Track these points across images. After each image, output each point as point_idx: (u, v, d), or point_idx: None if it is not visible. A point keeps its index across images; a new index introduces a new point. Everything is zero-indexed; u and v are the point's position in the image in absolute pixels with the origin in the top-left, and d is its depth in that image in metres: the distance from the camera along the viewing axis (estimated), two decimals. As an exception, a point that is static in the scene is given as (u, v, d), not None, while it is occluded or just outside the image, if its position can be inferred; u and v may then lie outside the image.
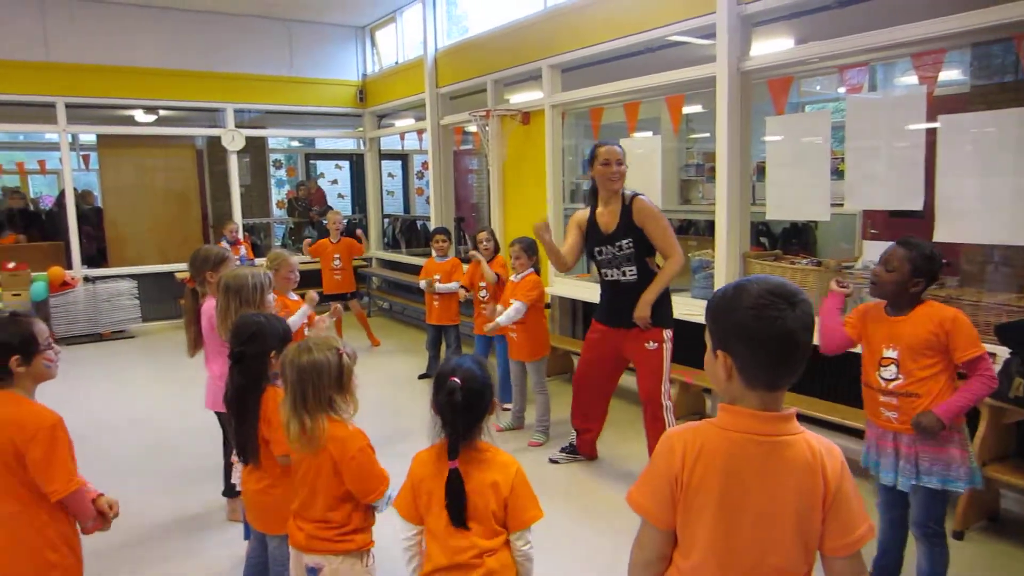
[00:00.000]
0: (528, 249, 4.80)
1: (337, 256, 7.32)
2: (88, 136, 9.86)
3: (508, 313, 4.64)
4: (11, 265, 7.85)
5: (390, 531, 2.81)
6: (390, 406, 5.63)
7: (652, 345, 3.95)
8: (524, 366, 4.97)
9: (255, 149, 11.12)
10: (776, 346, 1.35)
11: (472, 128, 7.82)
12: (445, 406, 1.99)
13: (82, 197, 9.92)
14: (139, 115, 9.74)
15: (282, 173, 13.28)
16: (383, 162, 11.15)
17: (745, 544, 1.40)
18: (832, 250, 6.07)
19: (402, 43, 9.10)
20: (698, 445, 1.42)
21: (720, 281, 4.91)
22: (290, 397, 2.23)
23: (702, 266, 5.25)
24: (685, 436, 1.45)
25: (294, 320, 3.79)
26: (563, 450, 4.56)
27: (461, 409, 1.98)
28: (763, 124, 4.76)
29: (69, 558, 2.28)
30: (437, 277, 5.97)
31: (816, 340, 2.65)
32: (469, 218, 10.08)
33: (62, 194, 8.95)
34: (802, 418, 2.21)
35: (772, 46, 4.84)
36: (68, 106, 8.23)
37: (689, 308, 4.79)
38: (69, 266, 8.39)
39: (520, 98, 7.38)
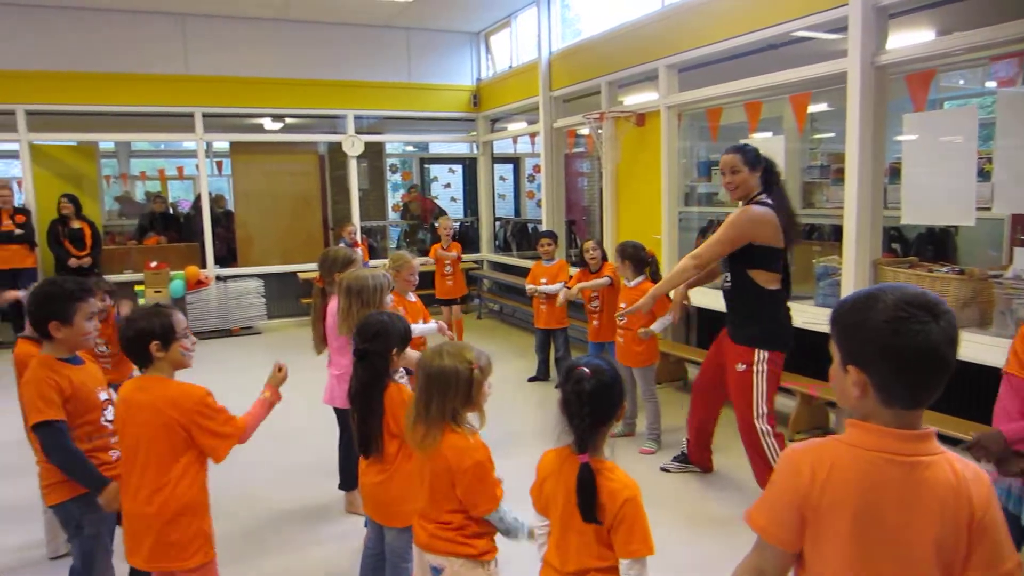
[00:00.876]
0: (633, 256, 4.74)
1: (448, 262, 7.44)
2: (221, 144, 10.48)
3: (658, 324, 4.56)
4: (153, 264, 8.46)
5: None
6: (500, 409, 5.63)
7: (741, 367, 3.68)
8: (632, 372, 4.87)
9: (373, 154, 11.48)
10: (919, 363, 1.24)
11: (585, 131, 7.77)
12: (572, 397, 1.94)
13: (215, 201, 10.56)
14: (267, 123, 10.27)
15: (398, 177, 13.66)
16: (495, 165, 11.27)
17: (882, 570, 1.30)
18: (975, 257, 5.62)
19: (516, 47, 9.16)
20: (828, 464, 1.33)
21: (848, 289, 4.63)
22: (416, 399, 2.26)
23: (827, 273, 4.98)
24: (813, 453, 1.37)
25: (420, 329, 3.93)
26: (675, 459, 4.44)
27: (588, 400, 1.92)
28: (897, 122, 4.45)
29: (208, 530, 2.47)
30: (544, 280, 6.01)
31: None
32: (580, 221, 10.01)
33: (198, 198, 9.55)
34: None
35: (911, 38, 4.52)
36: (204, 116, 8.79)
37: (811, 316, 4.54)
38: (203, 265, 8.94)
39: (634, 99, 7.26)
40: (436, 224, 8.36)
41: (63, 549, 3.46)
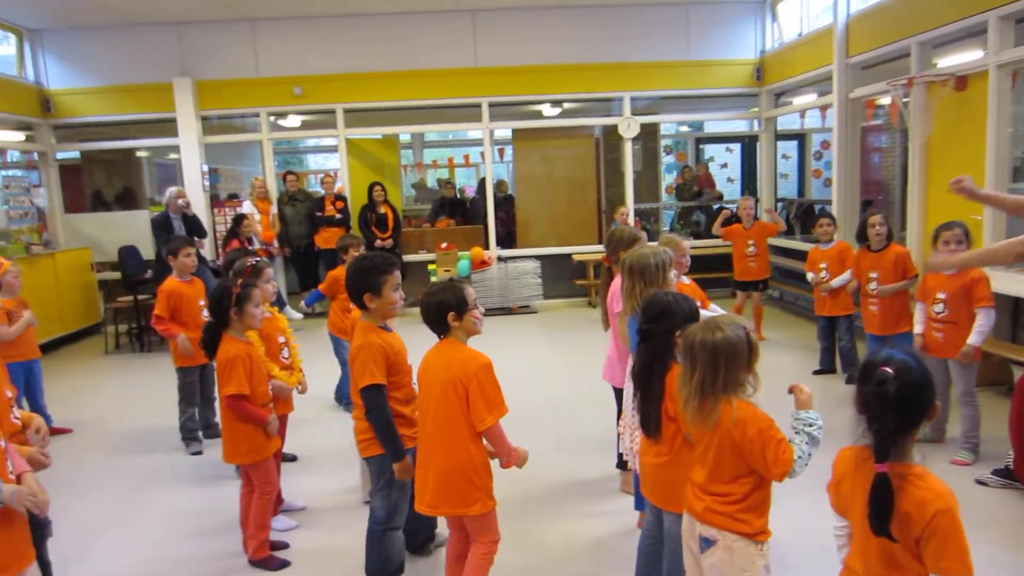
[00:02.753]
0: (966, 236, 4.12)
1: (751, 242, 7.07)
2: (501, 131, 11.06)
3: (978, 326, 4.01)
4: (444, 245, 9.19)
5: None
6: (783, 404, 5.31)
7: None
8: (947, 368, 4.25)
9: (647, 135, 11.39)
10: None
11: (886, 100, 6.95)
12: (873, 399, 1.74)
13: (497, 186, 11.19)
14: (546, 109, 10.62)
15: (672, 158, 13.40)
16: (776, 143, 10.55)
17: None
18: None
19: (807, 12, 8.46)
20: None
21: None
22: (698, 376, 2.18)
23: None
24: None
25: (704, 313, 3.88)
26: (996, 472, 3.82)
27: (893, 404, 1.71)
28: None
29: (489, 484, 2.67)
30: (823, 266, 5.58)
31: None
32: (877, 201, 9.04)
33: (482, 183, 10.19)
34: None
35: None
36: (490, 105, 9.33)
37: None
38: (487, 247, 9.53)
39: (952, 61, 6.32)
40: (716, 207, 8.03)
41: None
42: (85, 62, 9.07)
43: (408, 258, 9.41)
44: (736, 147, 13.02)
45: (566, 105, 10.57)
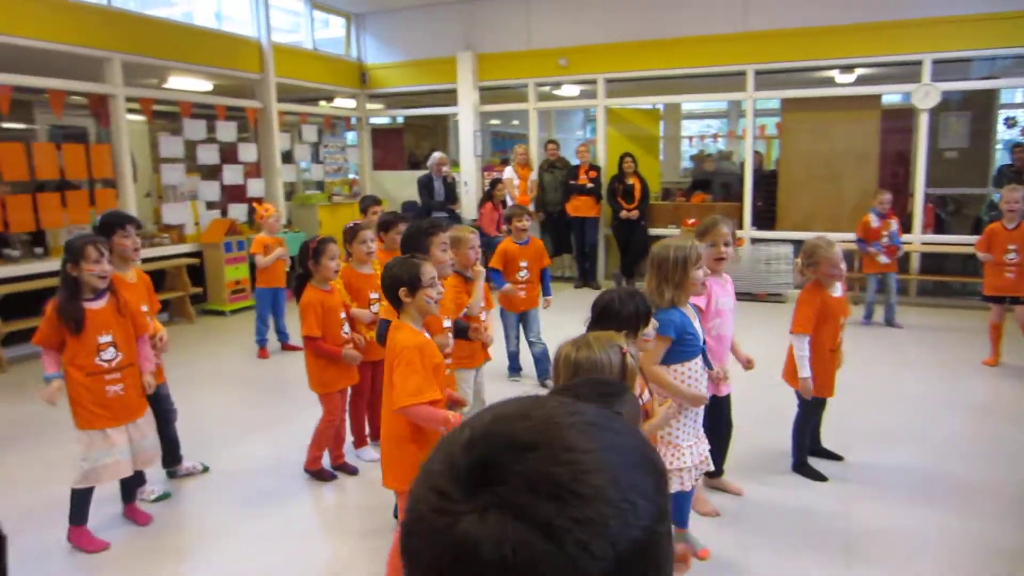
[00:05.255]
0: None
1: (1013, 247, 5.60)
2: (773, 102, 10.00)
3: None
4: (691, 221, 8.78)
5: None
6: (971, 440, 4.34)
7: None
8: None
9: (980, 105, 9.42)
10: None
11: None
12: None
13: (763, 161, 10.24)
14: (836, 75, 9.34)
15: (1015, 133, 10.76)
16: None
17: None
18: None
19: None
20: None
21: None
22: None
23: None
24: None
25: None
26: None
27: None
28: None
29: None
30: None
31: None
32: None
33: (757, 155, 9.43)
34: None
35: None
36: (757, 73, 8.55)
37: None
38: (740, 226, 8.84)
39: None
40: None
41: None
42: (393, 39, 10.41)
43: (655, 231, 9.19)
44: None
45: (858, 72, 9.17)
